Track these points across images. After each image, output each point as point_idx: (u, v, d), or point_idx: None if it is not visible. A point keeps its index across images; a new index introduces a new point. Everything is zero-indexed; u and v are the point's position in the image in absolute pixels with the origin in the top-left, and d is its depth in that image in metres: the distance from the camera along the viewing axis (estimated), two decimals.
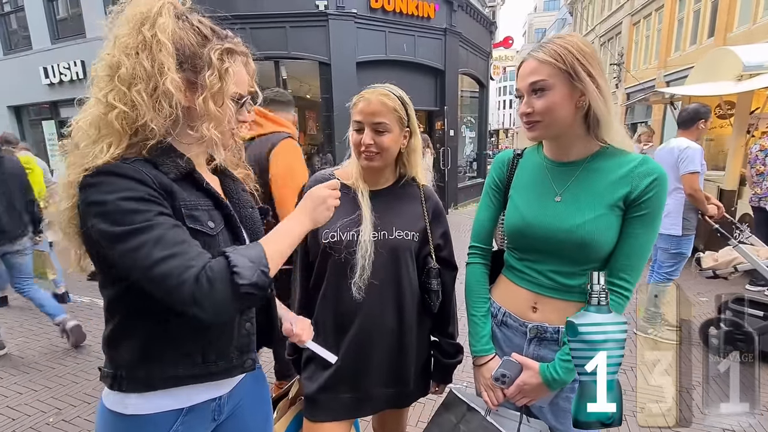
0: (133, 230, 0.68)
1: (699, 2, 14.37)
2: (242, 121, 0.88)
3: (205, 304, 0.69)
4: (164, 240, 0.69)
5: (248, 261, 0.74)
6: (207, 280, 0.69)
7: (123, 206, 0.68)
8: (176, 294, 0.68)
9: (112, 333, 0.80)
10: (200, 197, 0.82)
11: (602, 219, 0.98)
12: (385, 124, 1.17)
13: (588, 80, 0.95)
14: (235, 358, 0.89)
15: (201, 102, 0.77)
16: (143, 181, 0.71)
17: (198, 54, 0.78)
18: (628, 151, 1.02)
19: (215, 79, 0.77)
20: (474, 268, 1.25)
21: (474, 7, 10.93)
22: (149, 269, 0.67)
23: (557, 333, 1.06)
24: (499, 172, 1.22)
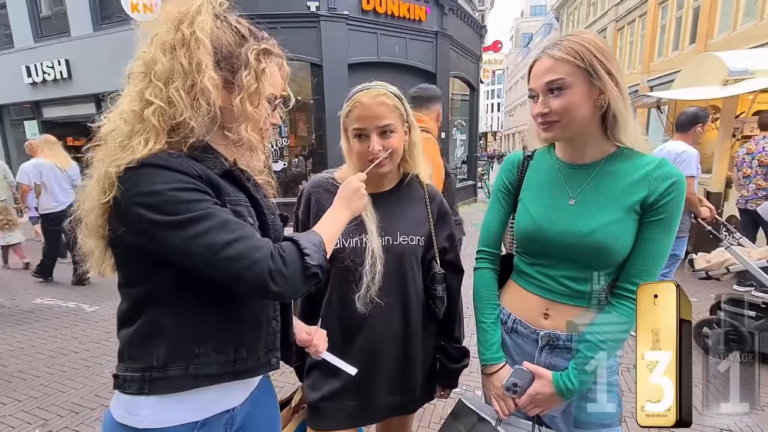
0: (195, 217, 0.69)
1: (681, 9, 14.78)
2: (274, 124, 0.88)
3: (280, 280, 0.72)
4: (229, 224, 0.71)
5: (313, 245, 0.80)
6: (282, 260, 0.74)
7: (178, 196, 0.69)
8: (250, 273, 0.70)
9: (140, 332, 0.78)
10: (239, 194, 0.83)
11: (619, 223, 0.95)
12: (390, 125, 1.11)
13: (607, 78, 0.91)
14: (263, 355, 0.89)
15: (238, 102, 0.77)
16: (191, 174, 0.71)
17: (235, 53, 0.77)
18: (645, 153, 0.99)
19: (252, 79, 0.77)
20: (482, 273, 1.21)
21: (464, 11, 11.02)
22: (219, 252, 0.69)
23: (570, 341, 1.03)
24: (508, 174, 1.18)
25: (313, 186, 1.25)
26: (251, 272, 0.70)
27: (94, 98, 8.94)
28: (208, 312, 0.79)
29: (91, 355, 3.23)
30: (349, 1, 8.02)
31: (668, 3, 15.55)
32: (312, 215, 1.21)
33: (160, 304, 0.77)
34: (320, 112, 8.18)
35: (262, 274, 0.71)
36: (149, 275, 0.75)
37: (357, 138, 1.13)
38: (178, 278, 0.74)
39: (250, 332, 0.86)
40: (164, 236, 0.68)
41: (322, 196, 1.21)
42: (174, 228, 0.68)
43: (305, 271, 0.77)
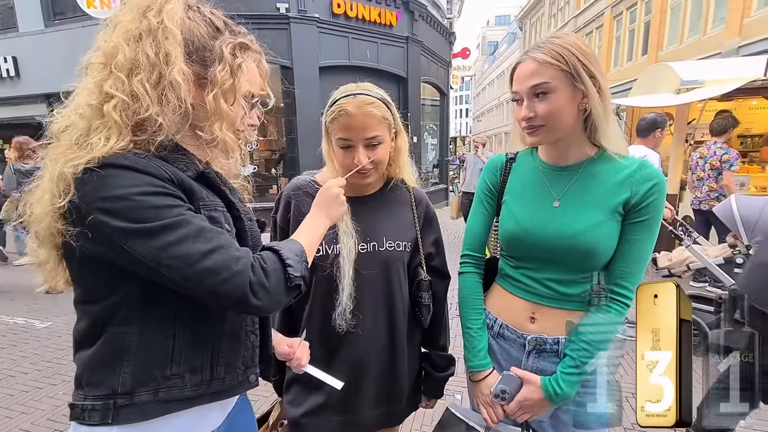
0: (167, 225, 0.63)
1: (633, 23, 15.73)
2: (251, 125, 0.83)
3: (261, 294, 0.68)
4: (204, 233, 0.66)
5: (295, 255, 0.76)
6: (263, 271, 0.69)
7: (148, 201, 0.62)
8: (228, 286, 0.65)
9: (101, 354, 0.69)
10: (214, 198, 0.77)
11: (603, 225, 0.96)
12: (377, 137, 1.05)
13: (590, 81, 0.91)
14: (241, 373, 0.83)
15: (211, 99, 0.71)
16: (161, 176, 0.65)
17: (208, 46, 0.72)
18: (625, 155, 1.00)
19: (227, 74, 0.71)
20: (467, 278, 1.19)
21: (434, 17, 11.21)
22: (195, 263, 0.63)
23: (557, 344, 1.03)
24: (492, 176, 1.17)
25: (292, 189, 1.19)
26: (230, 285, 0.65)
27: (44, 98, 8.36)
28: (180, 329, 0.72)
29: (44, 376, 2.97)
30: (320, 4, 7.97)
31: (622, 17, 16.50)
32: (292, 220, 1.15)
33: (125, 322, 0.69)
34: (291, 114, 8.04)
35: (242, 288, 0.66)
36: (112, 290, 0.68)
37: (342, 148, 1.07)
38: (145, 292, 0.68)
39: (228, 348, 0.80)
40: (132, 246, 0.61)
41: (302, 200, 1.15)
42: (143, 237, 0.61)
43: (288, 283, 0.73)
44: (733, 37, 10.49)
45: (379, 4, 8.96)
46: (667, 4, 13.58)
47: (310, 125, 7.96)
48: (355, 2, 8.43)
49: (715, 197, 4.02)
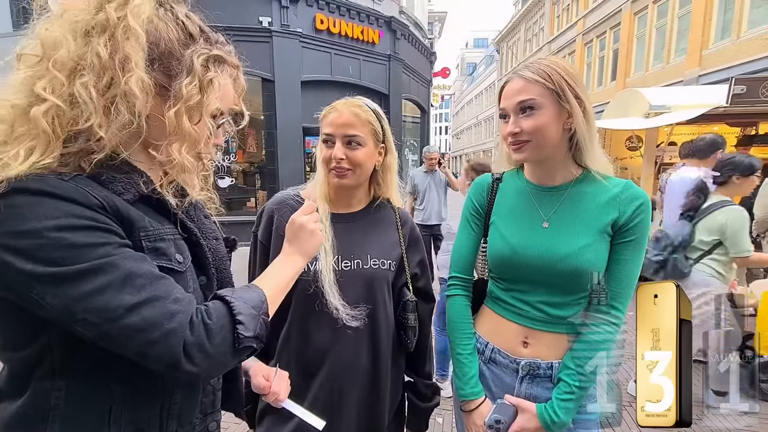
0: (85, 270, 0.51)
1: (603, 51, 16.64)
2: (215, 145, 0.72)
3: (198, 358, 0.56)
4: (133, 279, 0.54)
5: (250, 308, 0.63)
6: (205, 329, 0.58)
7: (65, 239, 0.50)
8: (158, 348, 0.54)
9: (26, 410, 0.58)
10: (164, 223, 0.65)
11: (593, 246, 0.95)
12: (358, 137, 1.05)
13: (575, 101, 0.93)
14: (198, 423, 0.72)
15: (172, 115, 0.60)
16: (89, 203, 0.53)
17: (177, 54, 0.61)
18: (610, 176, 1.01)
19: (195, 89, 0.61)
20: (456, 301, 1.15)
21: (415, 37, 11.49)
22: (117, 319, 0.52)
23: (551, 369, 1.00)
24: (478, 196, 1.15)
25: (275, 203, 1.14)
26: (160, 347, 0.54)
27: None
28: (117, 382, 0.60)
29: None
30: (303, 20, 8.03)
31: (592, 44, 17.43)
32: (274, 235, 1.09)
33: (50, 376, 0.57)
34: (271, 127, 7.97)
35: (174, 351, 0.54)
36: (31, 338, 0.57)
37: (324, 143, 1.07)
38: (72, 340, 0.55)
39: (181, 398, 0.68)
40: (39, 294, 0.50)
41: (285, 214, 1.08)
42: (54, 283, 0.50)
43: (236, 344, 0.60)
44: (694, 67, 11.23)
45: (362, 22, 9.12)
46: (633, 34, 14.47)
47: (291, 138, 7.91)
48: (338, 19, 8.55)
49: None
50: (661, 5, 13.12)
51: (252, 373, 0.93)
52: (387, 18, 9.67)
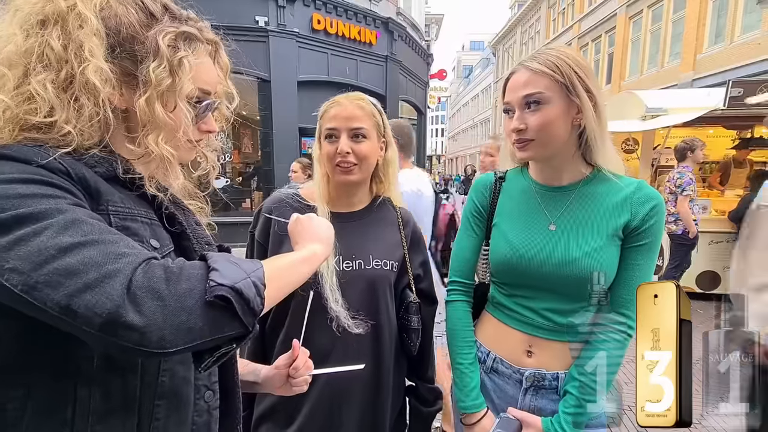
0: (24, 215, 0.43)
1: (598, 54, 16.77)
2: (207, 131, 0.67)
3: (147, 306, 0.43)
4: (81, 224, 0.45)
5: (234, 264, 0.52)
6: (164, 272, 0.46)
7: (12, 189, 0.45)
8: (91, 295, 0.42)
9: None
10: (140, 206, 0.59)
11: (604, 250, 0.90)
12: (363, 129, 1.03)
13: (585, 96, 0.86)
14: None
15: (143, 103, 0.56)
16: (51, 166, 0.48)
17: (140, 37, 0.56)
18: (622, 175, 0.95)
19: (163, 72, 0.56)
20: (456, 306, 1.10)
21: (413, 39, 11.51)
22: (47, 262, 0.42)
23: (556, 380, 0.95)
24: (480, 197, 1.09)
25: (274, 202, 1.11)
26: (92, 294, 0.42)
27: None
28: (85, 387, 0.51)
29: None
30: (300, 20, 8.02)
31: (588, 47, 17.56)
32: (272, 234, 1.07)
33: (3, 382, 0.49)
34: (267, 127, 7.94)
35: (111, 295, 0.42)
36: None
37: (327, 139, 1.04)
38: (28, 332, 0.48)
39: (168, 413, 0.57)
40: None
41: (285, 212, 1.06)
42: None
43: (206, 295, 0.47)
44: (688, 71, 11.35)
45: (359, 22, 9.12)
46: (628, 37, 14.59)
47: (287, 139, 7.88)
48: (335, 19, 8.54)
49: (672, 221, 4.22)
50: (656, 10, 13.25)
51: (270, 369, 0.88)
52: (384, 19, 9.68)
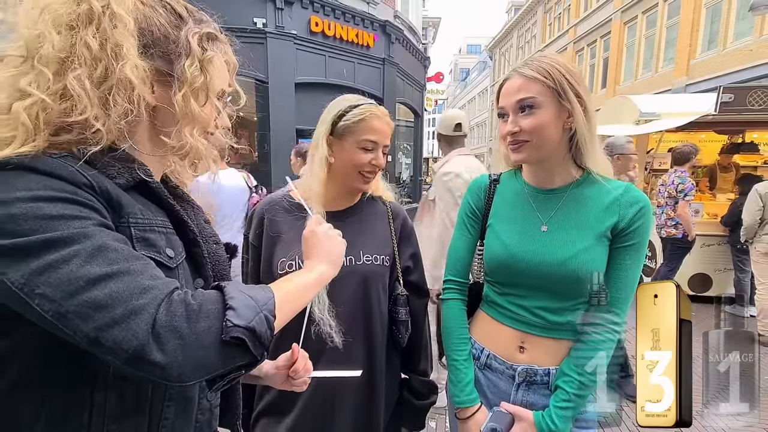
0: (53, 240, 0.45)
1: (594, 59, 16.91)
2: (223, 127, 0.71)
3: (170, 345, 0.46)
4: (105, 252, 0.47)
5: (249, 298, 0.54)
6: (185, 309, 0.48)
7: (38, 209, 0.45)
8: (119, 331, 0.44)
9: (2, 425, 0.51)
10: (157, 215, 0.61)
11: (593, 250, 0.93)
12: (389, 146, 1.12)
13: (576, 101, 0.90)
14: None
15: (180, 99, 0.59)
16: (75, 180, 0.49)
17: (171, 37, 0.60)
18: (610, 178, 0.99)
19: (197, 70, 0.60)
20: (451, 305, 1.13)
21: (410, 42, 11.55)
22: (78, 292, 0.44)
23: (548, 375, 0.98)
24: (475, 198, 1.13)
25: (266, 204, 1.13)
26: (120, 329, 0.44)
27: None
28: (101, 392, 0.53)
29: None
30: (298, 22, 8.02)
31: (583, 52, 17.71)
32: (265, 236, 1.08)
33: (21, 385, 0.50)
34: (264, 129, 7.93)
35: (138, 332, 0.44)
36: None
37: (363, 150, 1.07)
38: (47, 338, 0.48)
39: (176, 414, 0.60)
40: (2, 268, 0.44)
41: (276, 215, 1.10)
42: (19, 254, 0.44)
43: (222, 334, 0.49)
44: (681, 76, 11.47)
45: (357, 25, 9.14)
46: (623, 43, 14.74)
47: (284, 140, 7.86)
48: (332, 22, 8.56)
49: (672, 225, 4.25)
50: (650, 15, 13.40)
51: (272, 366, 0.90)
52: (382, 22, 9.71)
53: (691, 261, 4.41)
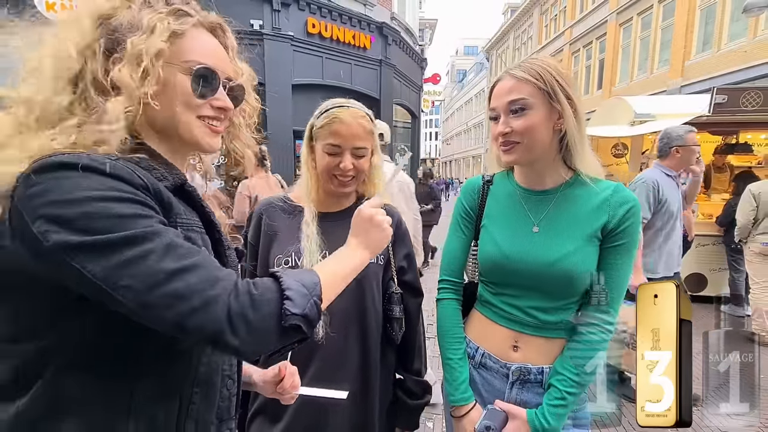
0: (130, 237, 0.50)
1: (590, 60, 17.01)
2: (220, 108, 0.66)
3: (241, 330, 0.53)
4: (176, 248, 0.53)
5: (301, 286, 0.60)
6: (249, 298, 0.55)
7: (110, 208, 0.50)
8: (199, 317, 0.51)
9: (36, 409, 0.53)
10: (192, 215, 0.64)
11: (583, 250, 0.95)
12: (364, 149, 1.09)
13: (566, 102, 0.92)
14: (214, 429, 0.69)
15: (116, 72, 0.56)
16: (134, 182, 0.53)
17: (135, 22, 0.59)
18: (600, 179, 1.00)
19: (140, 41, 0.57)
20: (446, 304, 1.14)
21: (407, 43, 11.58)
22: (159, 285, 0.50)
23: (541, 374, 0.99)
24: (469, 199, 1.14)
25: (263, 206, 1.16)
26: (202, 316, 0.51)
27: None
28: (139, 374, 0.58)
29: None
30: (295, 23, 8.03)
31: (579, 53, 17.81)
32: (263, 235, 1.11)
33: (67, 368, 0.54)
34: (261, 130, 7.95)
35: (218, 319, 0.52)
36: (49, 324, 0.53)
37: (328, 154, 1.07)
38: (97, 326, 0.54)
39: (202, 399, 0.65)
40: (82, 263, 0.48)
41: (273, 214, 1.13)
42: (97, 251, 0.49)
43: (281, 321, 0.56)
44: (676, 78, 11.56)
45: (353, 27, 9.16)
46: (618, 44, 14.83)
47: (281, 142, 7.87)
48: (329, 23, 8.58)
49: None
50: (645, 17, 13.49)
51: (260, 378, 0.92)
52: (378, 23, 9.73)
53: (687, 261, 4.43)
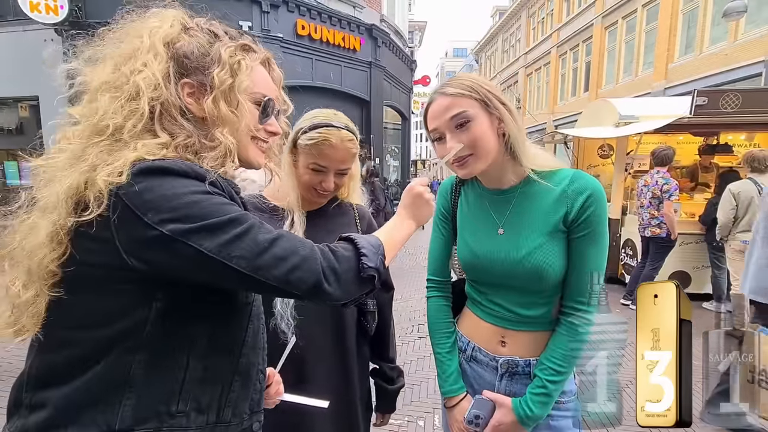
0: (233, 218, 0.60)
1: (576, 62, 17.27)
2: (272, 132, 0.77)
3: (332, 280, 0.65)
4: (263, 225, 0.64)
5: (370, 245, 0.72)
6: (333, 255, 0.67)
7: (208, 199, 0.60)
8: (300, 272, 0.62)
9: (102, 384, 0.60)
10: None
11: (547, 245, 0.96)
12: (349, 169, 1.15)
13: (501, 107, 0.94)
14: (246, 419, 0.74)
15: (210, 103, 0.66)
16: (217, 183, 0.63)
17: (207, 53, 0.68)
18: (556, 169, 1.00)
19: (225, 75, 0.67)
20: (433, 302, 1.18)
21: (396, 45, 11.63)
22: (265, 251, 0.61)
23: (529, 366, 1.02)
24: (444, 201, 1.18)
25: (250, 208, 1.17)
26: (302, 271, 0.62)
27: None
28: (194, 359, 0.65)
29: None
30: (284, 25, 8.00)
31: (566, 56, 18.08)
32: None
33: (132, 350, 0.61)
34: None
35: (315, 272, 0.63)
36: (125, 312, 0.61)
37: (313, 170, 1.10)
38: (167, 313, 0.62)
39: (238, 388, 0.72)
40: (201, 243, 0.58)
41: None
42: (212, 232, 0.58)
43: (360, 273, 0.68)
44: (660, 80, 11.81)
45: (343, 29, 9.17)
46: (604, 47, 15.10)
47: None
48: (319, 25, 8.57)
49: (656, 224, 4.36)
50: (630, 21, 13.76)
51: None
52: (368, 25, 9.75)
53: (671, 259, 4.54)
